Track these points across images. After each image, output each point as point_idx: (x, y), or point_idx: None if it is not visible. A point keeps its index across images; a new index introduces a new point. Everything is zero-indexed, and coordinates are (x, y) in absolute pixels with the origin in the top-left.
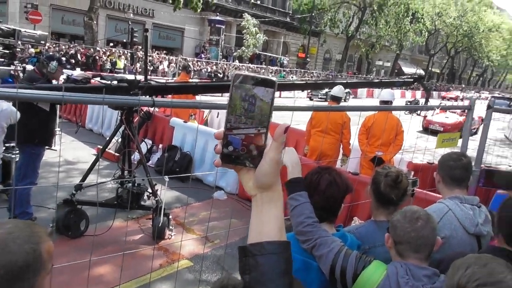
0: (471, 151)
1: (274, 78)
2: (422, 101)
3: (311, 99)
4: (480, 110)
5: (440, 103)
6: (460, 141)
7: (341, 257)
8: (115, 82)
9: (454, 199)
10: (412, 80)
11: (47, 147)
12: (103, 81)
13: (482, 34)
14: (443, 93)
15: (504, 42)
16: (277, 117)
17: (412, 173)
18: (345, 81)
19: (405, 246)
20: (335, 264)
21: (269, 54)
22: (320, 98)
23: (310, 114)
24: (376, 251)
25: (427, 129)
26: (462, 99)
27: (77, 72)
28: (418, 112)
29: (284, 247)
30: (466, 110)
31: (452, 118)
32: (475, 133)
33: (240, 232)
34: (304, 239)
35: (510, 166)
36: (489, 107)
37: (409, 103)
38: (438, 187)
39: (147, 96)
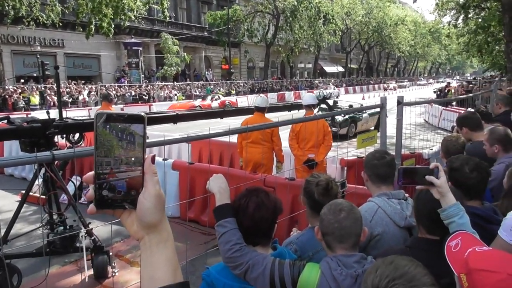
0: (394, 140)
1: (142, 113)
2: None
3: None
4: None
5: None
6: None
7: (276, 268)
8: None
9: (382, 195)
10: (317, 102)
11: None
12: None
13: (390, 28)
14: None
15: (410, 33)
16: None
17: (346, 169)
18: (268, 106)
19: (330, 237)
20: (273, 277)
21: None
22: None
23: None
24: (320, 256)
25: None
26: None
27: None
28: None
29: None
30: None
31: None
32: None
33: (184, 255)
34: (234, 265)
35: (431, 149)
36: (399, 102)
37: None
38: (367, 185)
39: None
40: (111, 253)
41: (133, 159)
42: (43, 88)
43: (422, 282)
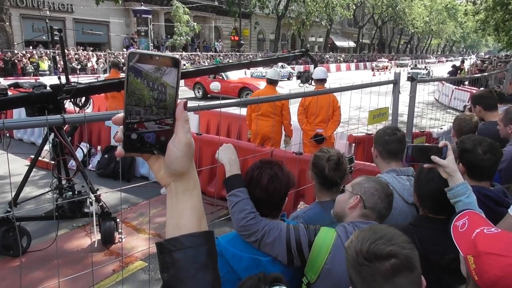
0: (404, 117)
1: (177, 56)
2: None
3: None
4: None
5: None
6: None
7: (292, 232)
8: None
9: (391, 172)
10: (301, 53)
11: None
12: (22, 90)
13: (405, 3)
14: (373, 64)
15: (425, 9)
16: None
17: (354, 145)
18: (248, 61)
19: (374, 213)
20: (289, 240)
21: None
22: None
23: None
24: None
25: None
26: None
27: None
28: (310, 82)
29: (204, 238)
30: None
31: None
32: None
33: None
34: (249, 233)
35: (441, 128)
36: (412, 79)
37: (301, 74)
38: (376, 161)
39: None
40: (118, 220)
41: (164, 110)
42: (52, 54)
43: (400, 240)
